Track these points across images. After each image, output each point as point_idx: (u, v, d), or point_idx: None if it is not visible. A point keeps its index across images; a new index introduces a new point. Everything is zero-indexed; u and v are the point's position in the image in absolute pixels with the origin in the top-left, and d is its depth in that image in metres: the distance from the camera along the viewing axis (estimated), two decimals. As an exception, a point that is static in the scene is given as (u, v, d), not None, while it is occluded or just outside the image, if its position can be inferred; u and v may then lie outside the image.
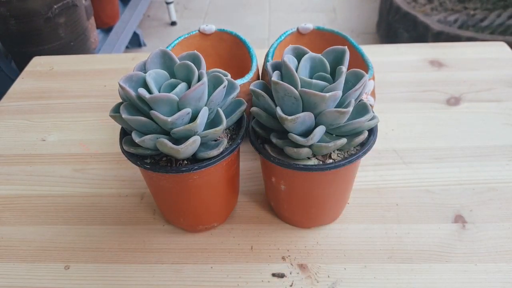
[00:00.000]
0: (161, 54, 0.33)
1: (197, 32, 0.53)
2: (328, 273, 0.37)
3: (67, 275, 0.38)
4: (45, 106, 0.60)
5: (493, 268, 0.37)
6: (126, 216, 0.44)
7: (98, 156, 0.51)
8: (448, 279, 0.36)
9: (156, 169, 0.32)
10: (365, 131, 0.34)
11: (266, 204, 0.44)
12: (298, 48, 0.34)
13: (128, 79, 0.31)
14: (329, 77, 0.33)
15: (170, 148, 0.30)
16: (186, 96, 0.30)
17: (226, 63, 0.55)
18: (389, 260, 0.38)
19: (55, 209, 0.45)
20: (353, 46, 0.49)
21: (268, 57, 0.48)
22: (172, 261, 0.39)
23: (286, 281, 0.37)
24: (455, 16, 1.40)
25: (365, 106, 0.34)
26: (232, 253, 0.39)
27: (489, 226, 0.40)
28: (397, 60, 0.64)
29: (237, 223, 0.42)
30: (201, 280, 0.37)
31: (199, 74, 0.32)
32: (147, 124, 0.31)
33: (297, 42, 0.53)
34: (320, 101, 0.30)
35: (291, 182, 0.36)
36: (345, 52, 0.33)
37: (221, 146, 0.33)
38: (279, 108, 0.31)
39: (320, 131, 0.31)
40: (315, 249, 0.39)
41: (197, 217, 0.40)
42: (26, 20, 1.03)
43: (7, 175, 0.49)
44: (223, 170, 0.36)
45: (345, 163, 0.33)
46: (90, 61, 0.69)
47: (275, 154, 0.34)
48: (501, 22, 1.33)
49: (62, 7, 1.07)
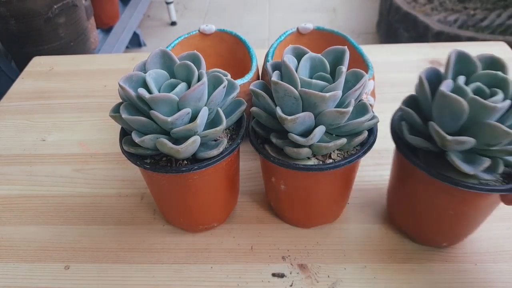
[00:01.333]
0: (161, 54, 0.33)
1: (197, 32, 0.53)
2: (328, 273, 0.37)
3: (67, 275, 0.38)
4: (45, 106, 0.60)
5: (493, 268, 0.37)
6: (126, 216, 0.44)
7: (98, 156, 0.51)
8: (448, 279, 0.36)
9: (156, 169, 0.32)
10: (365, 131, 0.34)
11: (266, 204, 0.44)
12: (298, 48, 0.34)
13: (128, 79, 0.31)
14: (329, 77, 0.33)
15: (170, 148, 0.30)
16: (186, 96, 0.30)
17: (226, 63, 0.55)
18: (389, 260, 0.38)
19: (55, 209, 0.45)
20: (353, 46, 0.49)
21: (268, 57, 0.48)
22: (172, 261, 0.39)
23: (286, 281, 0.37)
24: (455, 16, 1.40)
25: (365, 106, 0.34)
26: (232, 253, 0.39)
27: (489, 226, 0.40)
28: (397, 60, 0.64)
29: (237, 223, 0.42)
30: (201, 280, 0.37)
31: (199, 74, 0.32)
32: (147, 124, 0.31)
33: (297, 42, 0.53)
34: (320, 101, 0.30)
35: (291, 182, 0.36)
36: (345, 52, 0.33)
37: (221, 146, 0.33)
38: (279, 108, 0.31)
39: (320, 131, 0.31)
40: (315, 249, 0.39)
41: (197, 217, 0.40)
42: (26, 20, 1.03)
43: (7, 175, 0.49)
44: (223, 170, 0.36)
45: (345, 163, 0.33)
46: (90, 61, 0.69)
47: (275, 154, 0.34)
48: (501, 22, 1.33)
49: (62, 7, 1.07)
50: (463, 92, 0.28)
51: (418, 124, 0.31)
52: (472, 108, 0.27)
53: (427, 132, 0.30)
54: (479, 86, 0.29)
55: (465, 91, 0.28)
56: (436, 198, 0.33)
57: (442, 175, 0.30)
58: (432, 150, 0.31)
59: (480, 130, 0.28)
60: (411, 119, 0.32)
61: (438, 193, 0.33)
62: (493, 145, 0.28)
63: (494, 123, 0.27)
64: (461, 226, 0.36)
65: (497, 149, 0.29)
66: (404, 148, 0.33)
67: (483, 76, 0.29)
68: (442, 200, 0.33)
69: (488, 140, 0.28)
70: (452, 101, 0.27)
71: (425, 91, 0.30)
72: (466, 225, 0.35)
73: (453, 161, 0.29)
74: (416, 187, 0.35)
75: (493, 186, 0.29)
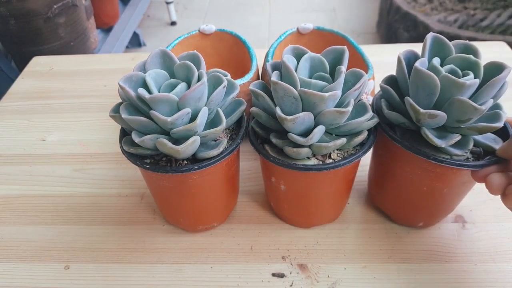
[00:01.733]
0: (161, 54, 0.33)
1: (197, 32, 0.53)
2: (328, 273, 0.37)
3: (67, 275, 0.38)
4: (45, 106, 0.60)
5: (493, 268, 0.37)
6: (126, 216, 0.44)
7: (98, 156, 0.51)
8: (448, 279, 0.36)
9: (156, 169, 0.32)
10: (365, 131, 0.34)
11: (266, 204, 0.44)
12: (298, 48, 0.34)
13: (128, 79, 0.31)
14: (328, 77, 0.33)
15: (169, 148, 0.30)
16: (186, 96, 0.30)
17: (226, 63, 0.55)
18: (389, 260, 0.38)
19: (55, 209, 0.45)
20: (353, 46, 0.49)
21: (268, 57, 0.48)
22: (172, 261, 0.39)
23: (286, 281, 0.37)
24: (455, 16, 1.40)
25: (365, 106, 0.34)
26: (232, 253, 0.39)
27: (489, 226, 0.40)
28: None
29: (237, 223, 0.42)
30: (201, 280, 0.37)
31: (199, 74, 0.32)
32: (146, 124, 0.31)
33: (297, 42, 0.53)
34: (319, 101, 0.30)
35: (291, 182, 0.36)
36: (344, 52, 0.33)
37: (221, 146, 0.33)
38: (278, 108, 0.31)
39: (319, 131, 0.31)
40: (315, 249, 0.39)
41: (196, 217, 0.40)
42: (26, 20, 1.03)
43: (7, 175, 0.49)
44: (223, 170, 0.36)
45: (345, 163, 0.33)
46: (90, 61, 0.69)
47: (275, 154, 0.34)
48: (501, 22, 1.33)
49: (62, 7, 1.07)
50: (436, 71, 0.31)
51: (396, 101, 0.33)
52: (443, 84, 0.30)
53: (404, 109, 0.32)
54: (452, 67, 0.31)
55: (439, 70, 0.31)
56: (410, 174, 0.35)
57: (416, 149, 0.32)
58: (408, 127, 0.34)
59: (451, 106, 0.30)
60: (389, 96, 0.34)
61: (413, 168, 0.34)
62: (463, 122, 0.31)
63: (463, 99, 0.29)
64: (435, 205, 0.37)
65: (466, 126, 0.31)
66: (383, 124, 0.35)
67: (456, 59, 0.32)
68: (416, 176, 0.35)
69: (458, 116, 0.30)
70: (426, 76, 0.30)
71: (402, 69, 0.32)
72: (440, 203, 0.37)
73: (426, 135, 0.31)
74: (393, 163, 0.36)
75: (463, 161, 0.31)
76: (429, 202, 0.37)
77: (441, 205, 0.37)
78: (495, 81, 0.29)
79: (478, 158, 0.33)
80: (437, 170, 0.33)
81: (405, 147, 0.33)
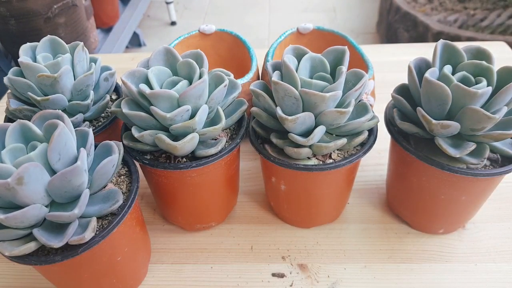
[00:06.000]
0: (164, 51, 0.33)
1: (197, 32, 0.53)
2: (328, 273, 0.37)
3: (67, 275, 0.38)
4: (45, 106, 0.60)
5: (493, 268, 0.37)
6: (126, 216, 0.44)
7: (98, 156, 0.51)
8: (448, 279, 0.36)
9: (155, 164, 0.33)
10: (365, 131, 0.34)
11: (266, 204, 0.44)
12: (298, 48, 0.34)
13: (131, 75, 0.31)
14: (329, 77, 0.33)
15: (168, 144, 0.30)
16: (186, 93, 0.30)
17: (226, 63, 0.55)
18: (389, 260, 0.38)
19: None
20: (353, 46, 0.49)
21: (268, 57, 0.48)
22: (172, 261, 0.39)
23: (286, 281, 0.37)
24: (455, 16, 1.40)
25: (365, 106, 0.34)
26: (232, 253, 0.39)
27: (489, 226, 0.40)
28: (397, 60, 0.64)
29: (237, 223, 0.42)
30: (201, 280, 0.37)
31: (201, 72, 0.32)
32: (146, 120, 0.31)
33: (297, 42, 0.53)
34: (320, 101, 0.30)
35: (291, 182, 0.36)
36: (345, 52, 0.33)
37: (220, 144, 0.33)
38: (279, 108, 0.31)
39: (320, 131, 0.31)
40: (315, 249, 0.39)
41: (195, 216, 0.40)
42: (26, 20, 1.03)
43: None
44: (222, 169, 0.36)
45: (345, 163, 0.33)
46: (90, 61, 0.69)
47: (275, 154, 0.34)
48: (501, 22, 1.33)
49: (62, 7, 1.07)
50: (448, 80, 0.30)
51: (409, 110, 0.33)
52: (455, 94, 0.29)
53: (418, 118, 0.32)
54: (464, 74, 0.31)
55: (450, 79, 0.30)
56: (427, 183, 0.34)
57: (430, 159, 0.32)
58: (422, 137, 0.33)
59: (464, 115, 0.29)
60: (402, 106, 0.33)
61: (429, 178, 0.34)
62: (477, 130, 0.30)
63: (475, 108, 0.28)
64: (454, 212, 0.36)
65: (481, 134, 0.30)
66: (396, 134, 0.34)
67: (468, 66, 0.31)
68: (433, 185, 0.34)
69: (471, 125, 0.29)
70: (436, 87, 0.29)
71: (414, 79, 0.32)
72: (459, 211, 0.36)
73: (440, 145, 0.31)
74: (409, 173, 0.36)
75: (478, 170, 0.31)
76: (447, 210, 0.36)
77: (461, 212, 0.37)
78: (509, 88, 0.28)
79: (496, 164, 0.32)
80: (453, 179, 0.32)
81: (419, 157, 0.32)
